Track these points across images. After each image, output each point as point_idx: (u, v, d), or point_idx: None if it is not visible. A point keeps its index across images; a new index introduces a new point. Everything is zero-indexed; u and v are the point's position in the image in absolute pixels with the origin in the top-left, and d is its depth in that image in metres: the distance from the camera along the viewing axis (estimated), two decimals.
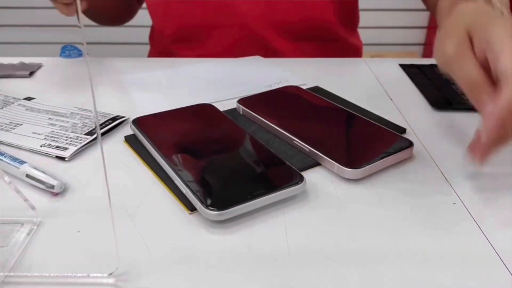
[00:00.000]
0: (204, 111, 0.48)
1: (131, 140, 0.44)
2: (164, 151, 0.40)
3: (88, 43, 0.24)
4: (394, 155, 0.41)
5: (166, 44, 0.76)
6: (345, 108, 0.49)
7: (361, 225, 0.35)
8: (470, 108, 0.52)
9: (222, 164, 0.39)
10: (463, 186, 0.39)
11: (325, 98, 0.51)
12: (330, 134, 0.44)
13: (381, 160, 0.40)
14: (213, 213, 0.33)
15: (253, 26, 0.71)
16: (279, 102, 0.51)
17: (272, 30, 0.72)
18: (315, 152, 0.41)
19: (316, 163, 0.41)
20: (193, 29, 0.73)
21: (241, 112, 0.50)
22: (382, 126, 0.45)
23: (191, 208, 0.35)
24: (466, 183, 0.40)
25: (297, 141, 0.43)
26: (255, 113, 0.48)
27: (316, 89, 0.56)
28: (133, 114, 0.47)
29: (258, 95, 0.52)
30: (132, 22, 0.84)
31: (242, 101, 0.50)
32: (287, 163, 0.39)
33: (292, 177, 0.37)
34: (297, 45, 0.74)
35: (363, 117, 0.47)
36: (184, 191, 0.36)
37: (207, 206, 0.33)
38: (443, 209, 0.36)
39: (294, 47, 0.74)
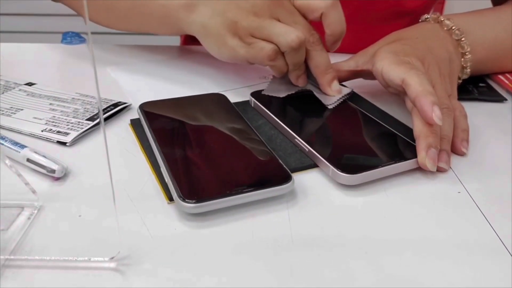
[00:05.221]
0: (213, 101, 0.47)
1: (135, 124, 0.44)
2: (158, 137, 0.40)
3: (92, 33, 0.24)
4: (401, 163, 0.38)
5: None
6: (364, 111, 0.46)
7: (365, 213, 0.34)
8: (474, 99, 0.52)
9: (212, 156, 0.38)
10: (468, 175, 0.39)
11: (347, 101, 0.48)
12: (337, 136, 0.42)
13: (382, 168, 0.37)
14: (187, 205, 0.32)
15: None
16: (293, 100, 0.48)
17: None
18: (313, 153, 0.39)
19: (313, 165, 0.39)
20: None
21: (252, 105, 0.49)
22: (397, 133, 0.42)
23: (170, 198, 0.35)
24: (470, 172, 0.39)
25: (298, 139, 0.41)
26: (265, 107, 0.46)
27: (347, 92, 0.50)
28: (138, 101, 0.46)
29: None
30: None
31: (255, 94, 0.49)
32: (279, 161, 0.37)
33: (280, 176, 0.35)
34: None
35: (379, 122, 0.44)
36: (166, 180, 0.35)
37: (183, 198, 0.32)
38: (448, 198, 0.36)
39: None
